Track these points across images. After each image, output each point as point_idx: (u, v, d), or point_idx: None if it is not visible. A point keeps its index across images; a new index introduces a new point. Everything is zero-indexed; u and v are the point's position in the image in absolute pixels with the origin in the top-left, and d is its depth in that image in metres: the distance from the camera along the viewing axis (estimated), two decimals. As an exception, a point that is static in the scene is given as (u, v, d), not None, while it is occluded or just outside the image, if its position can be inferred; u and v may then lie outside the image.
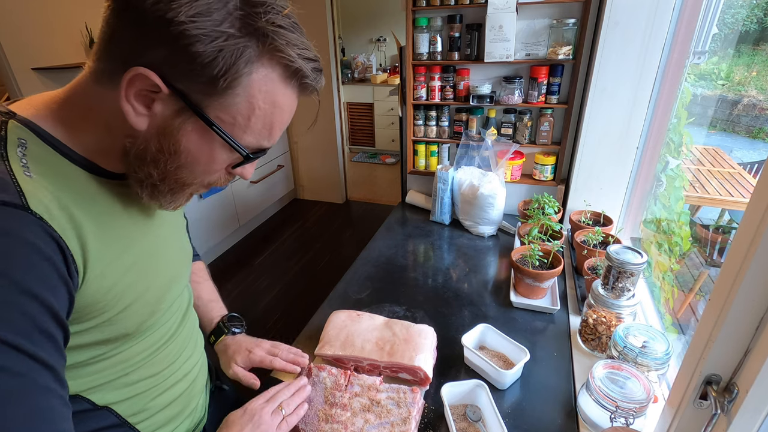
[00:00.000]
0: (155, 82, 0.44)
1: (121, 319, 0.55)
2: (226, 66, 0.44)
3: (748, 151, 2.55)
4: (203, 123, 0.47)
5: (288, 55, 0.47)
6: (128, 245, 0.56)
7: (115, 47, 0.45)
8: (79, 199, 0.49)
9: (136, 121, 0.46)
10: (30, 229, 0.42)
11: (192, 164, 0.51)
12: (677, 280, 1.46)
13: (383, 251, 1.45)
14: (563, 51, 1.40)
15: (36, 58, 2.78)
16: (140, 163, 0.50)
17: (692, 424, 0.63)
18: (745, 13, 1.58)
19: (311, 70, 0.49)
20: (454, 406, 0.83)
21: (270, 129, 0.51)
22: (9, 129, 0.46)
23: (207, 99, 0.46)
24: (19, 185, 0.43)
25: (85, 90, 0.49)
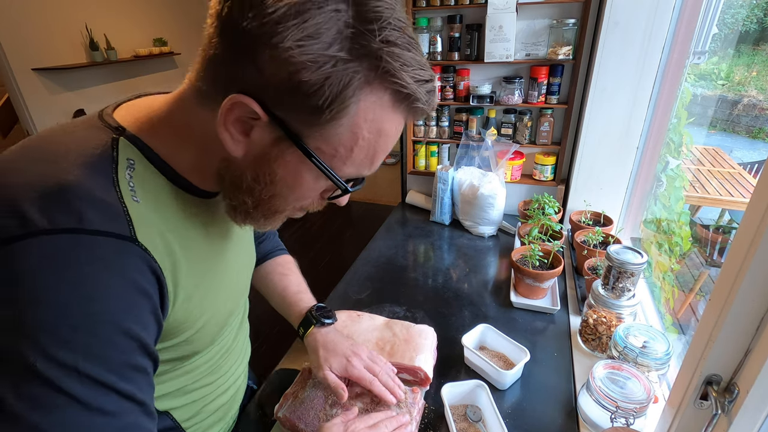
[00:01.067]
0: (254, 110, 0.40)
1: (196, 338, 0.55)
2: (332, 96, 0.39)
3: (748, 151, 2.55)
4: (301, 153, 0.43)
5: (401, 79, 0.41)
6: (210, 266, 0.55)
7: (215, 69, 0.42)
8: (175, 223, 0.48)
9: (233, 147, 0.43)
10: (135, 263, 0.41)
11: (286, 193, 0.47)
12: (677, 280, 1.46)
13: (383, 251, 1.45)
14: (563, 51, 1.40)
15: (36, 58, 2.78)
16: (235, 191, 0.48)
17: (693, 425, 0.63)
18: (745, 13, 1.58)
19: (425, 92, 0.43)
20: (455, 407, 0.83)
21: (372, 158, 0.47)
22: (120, 148, 0.45)
23: (307, 129, 0.42)
24: (129, 214, 0.42)
25: (186, 107, 0.47)
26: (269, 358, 0.95)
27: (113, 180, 0.42)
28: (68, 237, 0.38)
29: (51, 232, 0.37)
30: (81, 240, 0.38)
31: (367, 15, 0.38)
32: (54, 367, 0.36)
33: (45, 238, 0.37)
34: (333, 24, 0.37)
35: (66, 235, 0.38)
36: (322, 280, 2.83)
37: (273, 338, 0.84)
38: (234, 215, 0.51)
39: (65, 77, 3.00)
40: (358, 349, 0.82)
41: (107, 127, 0.46)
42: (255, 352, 0.82)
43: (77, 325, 0.37)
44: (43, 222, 0.37)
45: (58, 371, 0.36)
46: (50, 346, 0.36)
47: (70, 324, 0.37)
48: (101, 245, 0.39)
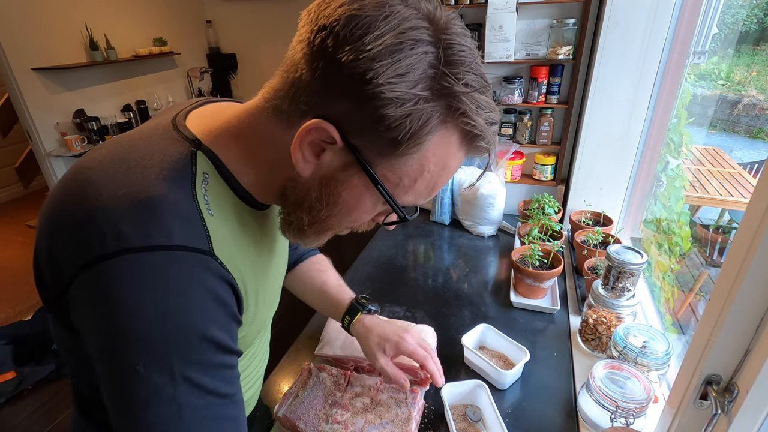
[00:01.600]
0: (331, 135, 0.42)
1: (240, 343, 0.56)
2: (412, 131, 0.41)
3: (748, 151, 2.55)
4: (368, 180, 0.45)
5: (475, 121, 0.43)
6: (259, 275, 0.56)
7: (298, 92, 0.43)
8: (240, 236, 0.50)
9: (303, 167, 0.45)
10: (213, 276, 0.43)
11: (344, 215, 0.49)
12: (677, 280, 1.46)
13: (383, 251, 1.45)
14: (563, 51, 1.40)
15: (36, 58, 2.78)
16: (296, 208, 0.50)
17: (692, 424, 0.63)
18: (745, 13, 1.58)
19: (491, 133, 0.46)
20: (455, 406, 0.83)
21: (431, 190, 0.49)
22: (198, 162, 0.46)
23: (379, 158, 0.44)
24: (207, 229, 0.43)
25: (260, 123, 0.48)
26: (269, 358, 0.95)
27: (193, 194, 0.44)
28: (162, 254, 0.40)
29: (147, 249, 0.39)
30: (173, 257, 0.40)
31: (452, 58, 0.41)
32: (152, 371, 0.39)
33: (142, 255, 0.39)
34: (421, 65, 0.40)
35: (161, 252, 0.40)
36: (322, 280, 2.83)
37: (273, 338, 0.84)
38: (287, 230, 0.52)
39: (65, 77, 3.00)
40: (408, 327, 0.86)
41: (184, 138, 0.47)
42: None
43: (169, 336, 0.40)
44: (138, 239, 0.39)
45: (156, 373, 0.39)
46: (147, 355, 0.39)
47: (163, 336, 0.39)
48: (187, 261, 0.41)
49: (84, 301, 0.40)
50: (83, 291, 0.40)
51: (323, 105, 0.42)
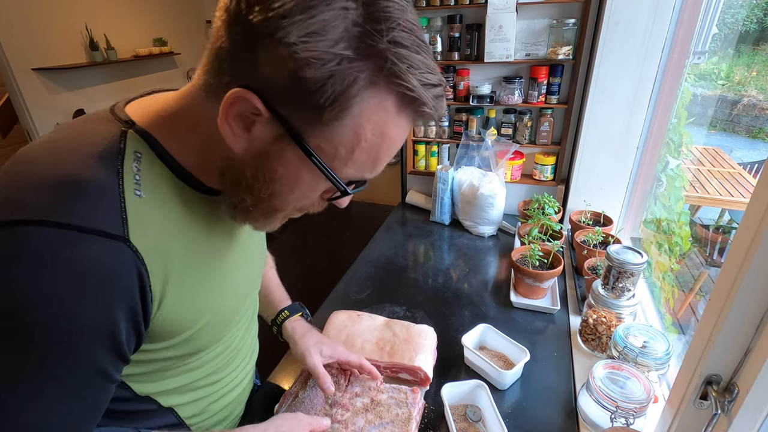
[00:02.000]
0: (256, 106, 0.40)
1: (197, 337, 0.55)
2: (335, 94, 0.38)
3: (748, 151, 2.55)
4: (302, 152, 0.42)
5: (407, 81, 0.40)
6: (213, 264, 0.54)
7: (221, 63, 0.42)
8: (176, 221, 0.48)
9: (234, 142, 0.43)
10: (119, 265, 0.41)
11: (285, 192, 0.47)
12: (677, 280, 1.46)
13: (383, 251, 1.45)
14: (563, 51, 1.40)
15: (36, 58, 2.78)
16: (235, 188, 0.47)
17: (692, 424, 0.63)
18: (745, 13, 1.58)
19: (432, 97, 0.42)
20: (455, 407, 0.83)
21: (375, 161, 0.46)
22: (128, 141, 0.45)
23: (309, 127, 0.41)
24: (125, 211, 0.42)
25: (194, 101, 0.46)
26: (269, 358, 0.95)
27: (118, 172, 0.42)
28: (53, 231, 0.37)
29: (35, 223, 0.37)
30: (65, 236, 0.38)
31: (376, 15, 0.38)
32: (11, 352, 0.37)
33: (30, 229, 0.37)
34: (340, 22, 0.37)
35: (50, 229, 0.37)
36: (322, 280, 2.83)
37: (273, 338, 0.84)
38: (234, 213, 0.50)
39: (65, 77, 2.99)
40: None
41: (117, 120, 0.46)
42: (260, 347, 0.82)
43: (35, 325, 0.37)
44: (30, 212, 0.37)
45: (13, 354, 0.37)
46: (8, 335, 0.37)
47: (30, 321, 0.37)
48: (85, 244, 0.38)
49: None
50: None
51: (245, 74, 0.40)
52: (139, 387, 0.55)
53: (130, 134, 0.45)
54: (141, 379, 0.55)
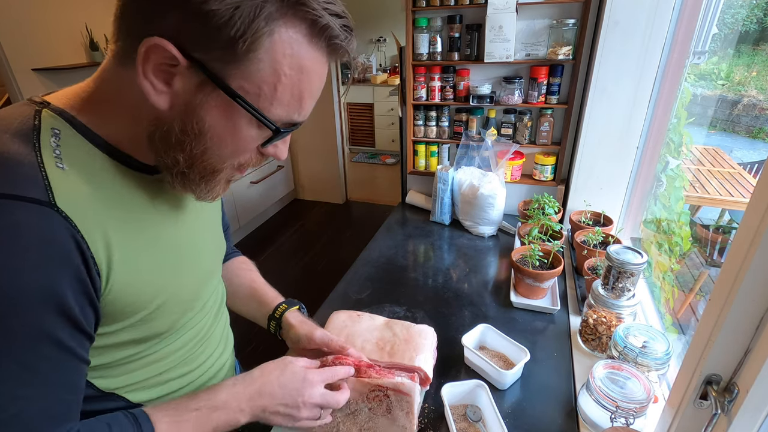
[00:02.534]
0: (171, 54, 0.40)
1: (154, 318, 0.54)
2: (244, 25, 0.39)
3: (748, 151, 2.55)
4: (226, 96, 0.43)
5: (312, 9, 0.41)
6: (161, 242, 0.54)
7: (128, 21, 0.42)
8: (110, 194, 0.47)
9: (156, 99, 0.43)
10: (49, 228, 0.40)
11: (219, 145, 0.46)
12: (677, 280, 1.46)
13: (383, 251, 1.45)
14: (563, 51, 1.40)
15: (36, 58, 2.78)
16: (166, 148, 0.47)
17: (692, 424, 0.63)
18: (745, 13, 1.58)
19: (340, 27, 0.44)
20: (455, 407, 0.83)
21: (300, 99, 0.46)
22: (43, 118, 0.44)
23: (228, 67, 0.41)
24: (47, 179, 0.41)
25: (111, 74, 0.46)
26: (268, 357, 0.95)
27: (34, 146, 0.42)
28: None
29: None
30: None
31: None
32: None
33: None
34: None
35: None
36: (321, 281, 2.83)
37: (271, 337, 0.84)
38: (172, 180, 0.50)
39: (65, 77, 2.99)
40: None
41: (33, 103, 0.47)
42: (252, 352, 0.81)
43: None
44: None
45: None
46: None
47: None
48: (11, 209, 0.38)
49: None
50: None
51: (152, 24, 0.40)
52: (103, 382, 0.54)
53: (44, 112, 0.45)
54: (104, 373, 0.54)
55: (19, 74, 2.71)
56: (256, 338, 2.11)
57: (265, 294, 0.86)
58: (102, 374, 0.53)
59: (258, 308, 0.85)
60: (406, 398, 0.73)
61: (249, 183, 3.22)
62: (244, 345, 1.80)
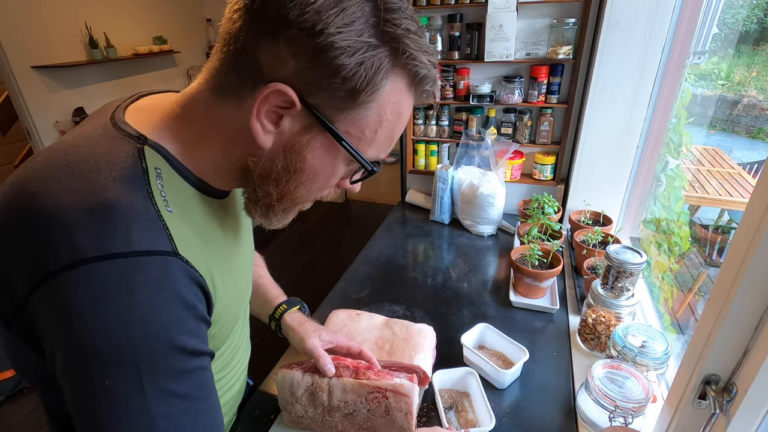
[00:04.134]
0: (289, 98, 0.42)
1: (220, 335, 0.56)
2: (368, 78, 0.42)
3: (748, 151, 2.55)
4: (331, 138, 0.45)
5: (421, 62, 0.45)
6: (229, 265, 0.55)
7: (246, 63, 0.42)
8: (200, 226, 0.49)
9: (263, 139, 0.44)
10: (180, 277, 0.42)
11: (311, 181, 0.48)
12: (676, 280, 1.46)
13: (383, 251, 1.45)
14: (563, 50, 1.40)
15: (36, 56, 2.77)
16: (263, 182, 0.48)
17: (691, 424, 0.63)
18: (745, 13, 1.58)
19: (435, 74, 0.48)
20: (445, 391, 0.85)
21: (390, 140, 0.49)
22: (147, 158, 0.44)
23: (338, 114, 0.44)
24: (168, 228, 0.42)
25: (206, 106, 0.46)
26: (267, 357, 0.95)
27: (148, 192, 0.42)
28: (123, 261, 0.38)
29: (104, 258, 0.37)
30: (136, 263, 0.39)
31: (389, 5, 0.42)
32: (121, 383, 0.38)
33: (100, 265, 0.37)
34: (362, 13, 0.41)
35: (121, 260, 0.38)
36: (321, 279, 2.83)
37: (271, 336, 0.84)
38: (254, 209, 0.51)
39: (65, 75, 2.99)
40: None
41: (128, 136, 0.45)
42: (253, 350, 0.81)
43: (136, 346, 0.38)
44: (93, 249, 0.37)
45: (125, 386, 0.38)
46: (113, 367, 0.38)
47: (130, 346, 0.38)
48: (151, 265, 0.40)
49: (44, 320, 0.39)
50: (41, 310, 0.38)
51: (274, 71, 0.41)
52: None
53: (147, 151, 0.44)
54: None
55: (18, 72, 2.71)
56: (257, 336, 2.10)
57: (269, 291, 0.87)
58: None
59: (262, 306, 0.86)
60: (405, 399, 0.73)
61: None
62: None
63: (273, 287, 0.89)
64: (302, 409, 0.78)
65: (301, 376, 0.77)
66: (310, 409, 0.77)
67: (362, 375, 0.75)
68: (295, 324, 0.82)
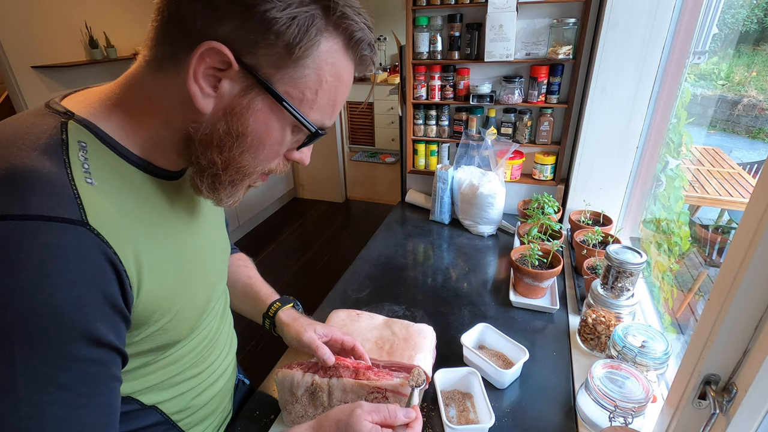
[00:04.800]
0: (225, 58, 0.42)
1: (173, 326, 0.55)
2: (300, 33, 0.42)
3: (748, 151, 2.55)
4: (272, 99, 0.45)
5: (354, 21, 0.45)
6: (179, 249, 0.54)
7: (178, 27, 0.43)
8: (137, 203, 0.48)
9: (203, 103, 0.44)
10: (85, 249, 0.40)
11: (257, 147, 0.48)
12: (676, 280, 1.46)
13: (383, 250, 1.45)
14: (563, 51, 1.40)
15: (36, 56, 2.77)
16: (205, 149, 0.48)
17: (691, 424, 0.63)
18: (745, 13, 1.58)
19: (369, 43, 0.48)
20: (446, 392, 0.84)
21: (333, 105, 0.50)
22: (69, 131, 0.44)
23: (277, 73, 0.44)
24: (79, 197, 0.41)
25: (143, 81, 0.47)
26: (267, 357, 0.95)
27: (64, 162, 0.42)
28: (12, 224, 0.37)
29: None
30: (27, 227, 0.37)
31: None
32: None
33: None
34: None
35: (9, 222, 0.37)
36: (321, 279, 2.83)
37: (270, 337, 0.84)
38: (200, 182, 0.50)
39: (65, 75, 2.99)
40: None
41: (55, 113, 0.46)
42: (252, 350, 0.82)
43: (12, 317, 0.36)
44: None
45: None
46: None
47: (6, 316, 0.36)
48: (47, 231, 0.38)
49: None
50: None
51: (208, 30, 0.42)
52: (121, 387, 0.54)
53: (70, 124, 0.45)
54: (125, 378, 0.53)
55: (18, 72, 2.71)
56: (255, 337, 2.11)
57: (261, 291, 0.86)
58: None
59: (254, 305, 0.85)
60: (405, 400, 0.73)
61: (249, 181, 3.22)
62: (245, 343, 1.81)
63: (264, 287, 0.88)
64: (302, 409, 0.78)
65: (301, 376, 0.77)
66: (310, 409, 0.77)
67: (362, 375, 0.75)
68: (290, 320, 0.82)
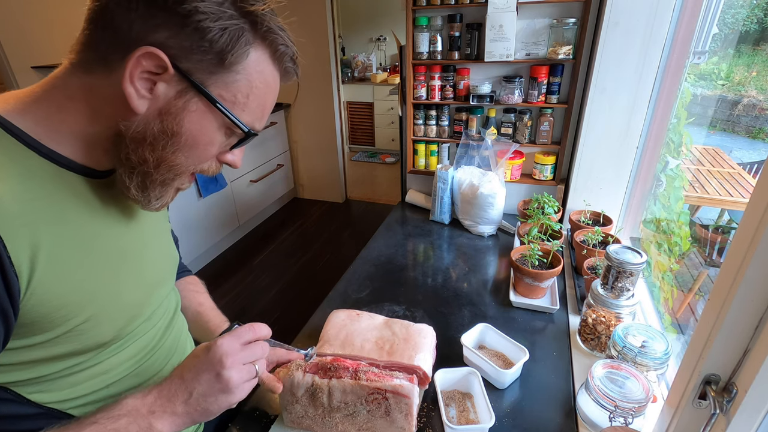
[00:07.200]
0: (161, 63, 0.44)
1: (91, 328, 0.53)
2: (232, 42, 0.46)
3: (748, 151, 2.55)
4: (206, 102, 0.48)
5: (278, 35, 0.50)
6: (99, 247, 0.53)
7: (113, 33, 0.45)
8: (43, 195, 0.47)
9: (138, 104, 0.46)
10: None
11: (191, 146, 0.51)
12: (676, 280, 1.46)
13: (383, 250, 1.45)
14: (563, 51, 1.40)
15: (36, 56, 2.77)
16: (136, 146, 0.49)
17: (691, 424, 0.63)
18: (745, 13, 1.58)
19: (291, 56, 0.53)
20: (446, 392, 0.85)
21: (262, 109, 0.54)
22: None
23: (210, 77, 0.47)
24: None
25: (66, 81, 0.48)
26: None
27: None
28: None
29: None
30: None
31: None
32: None
33: None
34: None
35: None
36: (321, 279, 2.83)
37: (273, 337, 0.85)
38: (129, 180, 0.51)
39: (65, 75, 2.99)
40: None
41: None
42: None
43: None
44: None
45: None
46: None
47: None
48: None
49: None
50: None
51: (144, 38, 0.44)
52: (44, 396, 0.52)
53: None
54: (44, 387, 0.52)
55: (18, 72, 2.71)
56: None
57: (210, 321, 0.83)
58: (41, 388, 0.52)
59: (203, 336, 0.82)
60: (405, 400, 0.73)
61: (249, 182, 3.22)
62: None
63: (214, 315, 0.84)
64: (302, 409, 0.78)
65: (301, 377, 0.77)
66: (311, 410, 0.77)
67: (361, 376, 0.75)
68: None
